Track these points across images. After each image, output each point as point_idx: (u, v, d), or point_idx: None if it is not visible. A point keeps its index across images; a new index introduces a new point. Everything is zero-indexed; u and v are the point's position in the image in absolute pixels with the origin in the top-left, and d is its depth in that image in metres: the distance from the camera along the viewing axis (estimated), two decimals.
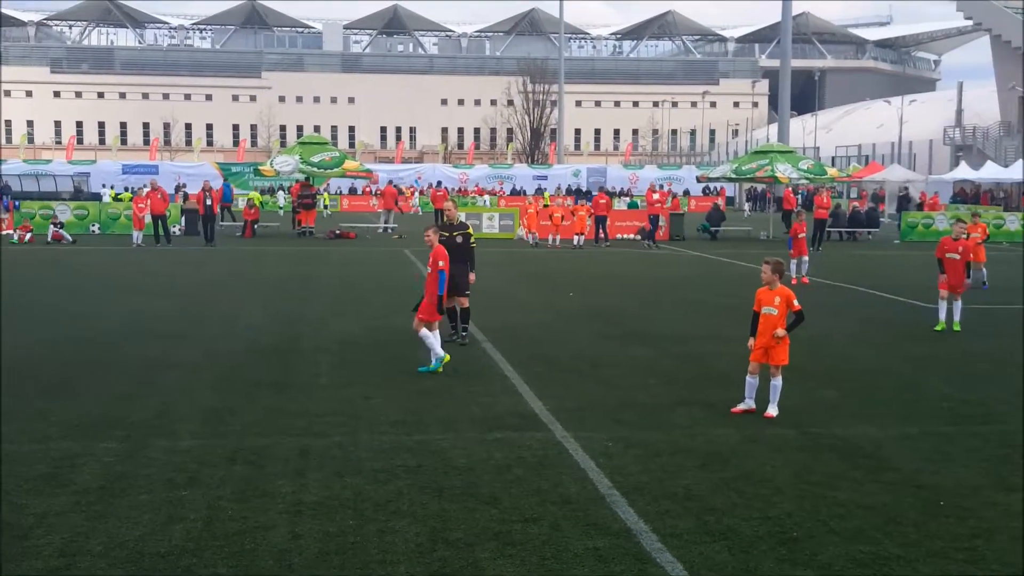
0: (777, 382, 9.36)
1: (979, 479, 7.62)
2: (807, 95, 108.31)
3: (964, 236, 15.36)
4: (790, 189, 40.00)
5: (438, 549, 6.08)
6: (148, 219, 31.03)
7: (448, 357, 11.43)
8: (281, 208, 55.33)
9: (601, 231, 33.96)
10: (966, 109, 78.16)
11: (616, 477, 7.51)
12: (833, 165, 60.62)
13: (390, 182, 52.28)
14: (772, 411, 9.33)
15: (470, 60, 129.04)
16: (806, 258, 21.94)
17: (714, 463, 7.94)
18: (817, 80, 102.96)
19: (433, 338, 11.41)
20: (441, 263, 11.51)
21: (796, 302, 9.26)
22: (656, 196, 34.13)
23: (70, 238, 31.85)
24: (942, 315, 15.04)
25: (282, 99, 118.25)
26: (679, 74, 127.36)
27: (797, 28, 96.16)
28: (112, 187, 65.34)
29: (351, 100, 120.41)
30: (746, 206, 44.06)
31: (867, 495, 7.19)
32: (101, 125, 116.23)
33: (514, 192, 72.47)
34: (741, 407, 9.51)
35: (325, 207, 55.05)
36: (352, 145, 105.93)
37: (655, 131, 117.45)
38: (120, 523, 6.42)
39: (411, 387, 10.63)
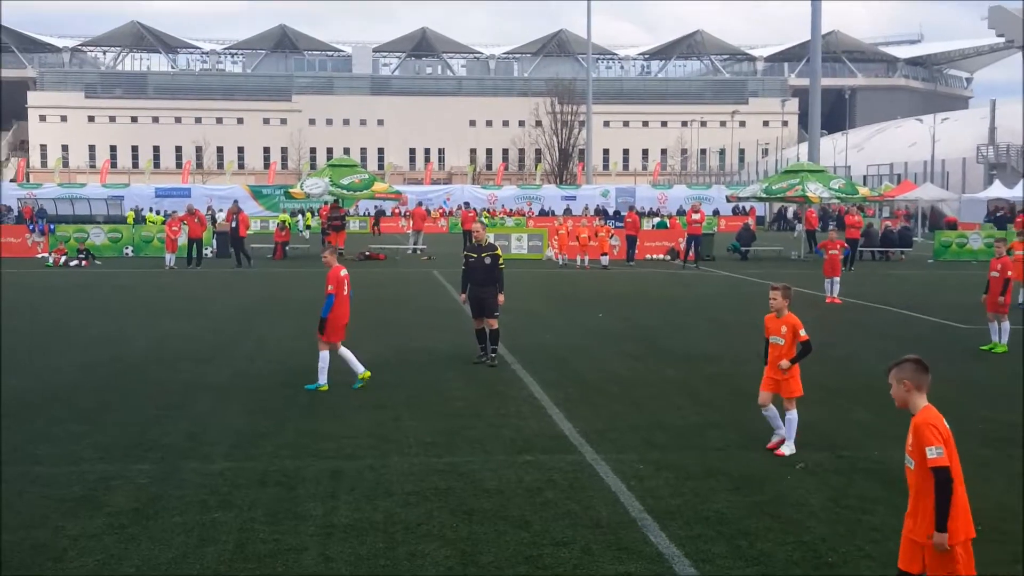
0: (792, 416, 8.84)
1: (1018, 503, 7.47)
2: (838, 113, 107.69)
3: (1007, 255, 15.26)
4: (813, 209, 39.67)
5: (469, 573, 6.06)
6: (182, 241, 31.39)
7: (326, 387, 11.35)
8: (301, 230, 55.29)
9: (630, 251, 33.91)
10: (999, 127, 77.30)
11: (648, 500, 7.45)
12: (865, 184, 60.01)
13: (419, 203, 52.55)
14: (784, 450, 8.79)
15: (498, 81, 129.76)
16: (838, 278, 21.74)
17: (747, 486, 7.86)
18: (848, 98, 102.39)
19: (325, 361, 11.43)
20: (331, 286, 11.46)
21: (803, 332, 8.81)
22: (696, 216, 33.67)
23: (80, 263, 32.17)
24: (994, 336, 14.95)
25: (312, 122, 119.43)
26: (708, 93, 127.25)
27: (827, 46, 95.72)
28: (152, 210, 66.39)
29: (380, 122, 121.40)
30: (798, 226, 43.44)
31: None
32: (135, 149, 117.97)
33: (543, 213, 72.53)
34: (775, 440, 9.00)
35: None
36: (381, 167, 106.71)
37: (684, 151, 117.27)
38: (153, 545, 6.47)
39: (441, 409, 10.64)
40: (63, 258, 32.42)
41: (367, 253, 36.25)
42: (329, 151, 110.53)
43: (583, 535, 6.71)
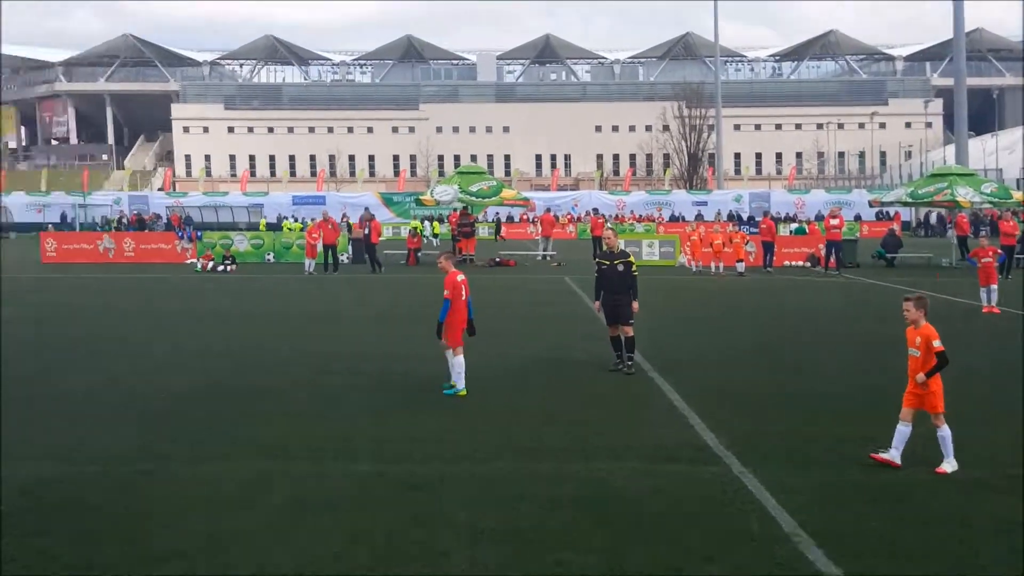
0: (943, 432, 8.37)
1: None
2: (985, 114, 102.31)
3: None
4: (964, 214, 37.63)
5: None
6: (320, 248, 32.46)
7: (464, 392, 11.36)
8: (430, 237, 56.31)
9: (767, 257, 33.09)
10: None
11: (800, 515, 7.18)
12: (1019, 188, 56.63)
13: (547, 209, 52.68)
14: (945, 467, 8.32)
15: (624, 86, 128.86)
16: (995, 286, 20.57)
17: (907, 504, 7.48)
18: (996, 99, 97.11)
19: (458, 365, 11.38)
20: (447, 292, 11.42)
21: (937, 343, 8.41)
22: (835, 222, 32.50)
23: (229, 269, 33.71)
24: None
25: (439, 129, 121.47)
26: (844, 95, 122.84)
27: (971, 45, 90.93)
28: (292, 217, 69.18)
29: (506, 129, 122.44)
30: (949, 233, 41.37)
31: None
32: (272, 158, 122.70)
33: (673, 219, 71.61)
34: (883, 456, 8.48)
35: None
36: (508, 173, 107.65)
37: (820, 154, 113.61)
38: (309, 543, 6.65)
39: (578, 416, 10.56)
40: (211, 264, 34.03)
41: (497, 259, 36.56)
42: (456, 158, 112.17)
43: (733, 549, 6.52)
